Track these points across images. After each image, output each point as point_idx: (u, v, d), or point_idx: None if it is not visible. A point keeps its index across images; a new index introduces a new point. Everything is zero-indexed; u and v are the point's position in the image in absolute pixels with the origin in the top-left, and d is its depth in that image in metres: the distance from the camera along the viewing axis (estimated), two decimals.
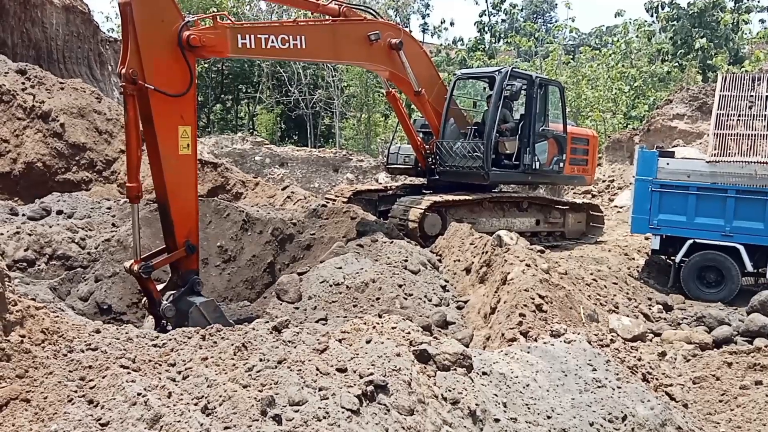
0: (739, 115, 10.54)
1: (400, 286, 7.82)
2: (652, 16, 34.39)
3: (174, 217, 6.66)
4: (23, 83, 14.98)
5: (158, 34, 6.47)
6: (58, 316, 4.37)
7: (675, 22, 32.74)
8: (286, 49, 8.46)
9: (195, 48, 6.74)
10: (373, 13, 10.95)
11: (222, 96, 40.29)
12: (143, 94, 6.32)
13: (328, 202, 12.27)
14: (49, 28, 19.54)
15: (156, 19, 6.45)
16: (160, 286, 6.73)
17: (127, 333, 4.42)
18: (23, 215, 10.92)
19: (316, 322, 6.78)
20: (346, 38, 9.72)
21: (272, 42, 8.18)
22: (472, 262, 8.63)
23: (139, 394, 3.47)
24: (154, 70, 6.37)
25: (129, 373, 3.75)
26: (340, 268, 8.03)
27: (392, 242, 8.89)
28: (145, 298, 6.72)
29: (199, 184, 15.07)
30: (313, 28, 9.14)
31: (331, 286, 7.75)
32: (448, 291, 8.27)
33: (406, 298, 7.67)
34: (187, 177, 6.78)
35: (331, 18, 9.53)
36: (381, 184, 19.23)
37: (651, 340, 7.93)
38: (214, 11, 29.74)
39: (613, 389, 4.63)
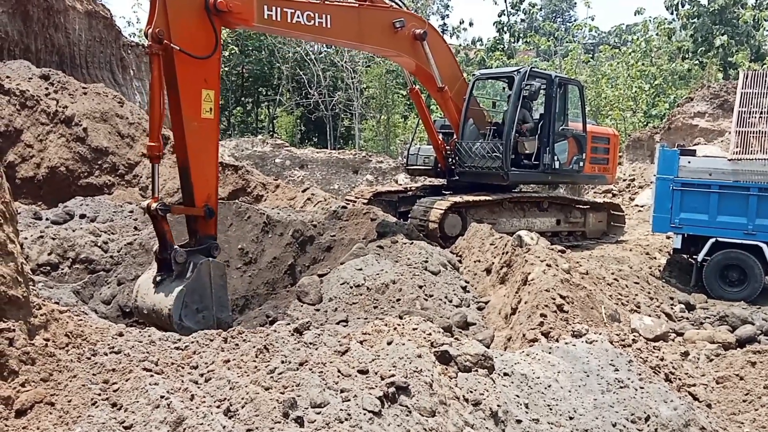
0: (761, 113, 10.41)
1: (421, 287, 7.81)
2: (672, 13, 34.04)
3: (194, 180, 6.74)
4: (47, 88, 15.20)
5: None
6: (81, 320, 4.42)
7: (695, 20, 32.37)
8: (311, 26, 8.43)
9: (221, 13, 6.81)
10: (399, 2, 10.96)
11: (242, 99, 40.54)
12: (168, 54, 6.40)
13: (348, 204, 12.30)
14: (72, 33, 19.80)
15: None
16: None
17: (149, 336, 4.45)
18: (47, 219, 11.09)
19: (337, 323, 6.79)
20: (371, 23, 9.74)
21: (298, 17, 8.18)
22: (493, 263, 8.61)
23: (162, 397, 3.50)
24: (181, 32, 6.46)
25: (152, 375, 3.78)
26: (361, 269, 8.04)
27: (412, 243, 8.88)
28: (155, 244, 6.73)
29: (219, 187, 15.21)
30: (340, 8, 9.15)
31: (351, 287, 7.76)
32: (468, 292, 8.24)
33: (426, 299, 7.66)
34: (209, 141, 6.88)
35: (357, 2, 9.57)
36: (401, 185, 19.22)
37: (673, 340, 7.85)
38: None
39: (636, 389, 4.59)
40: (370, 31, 9.75)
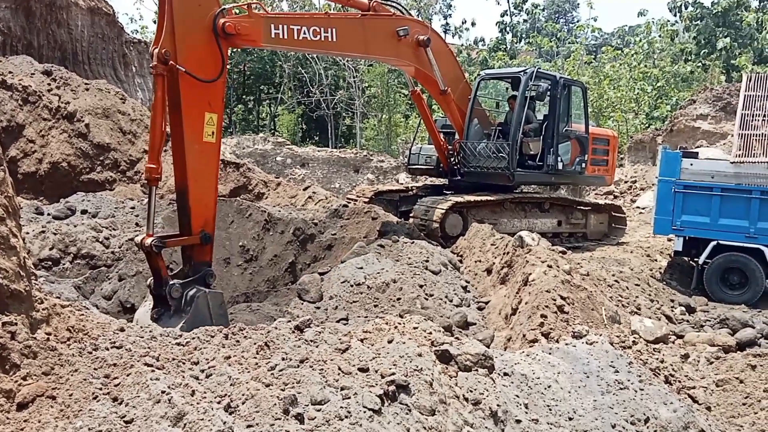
0: (764, 116, 10.40)
1: (421, 286, 7.82)
2: (675, 15, 34.08)
3: (192, 205, 6.54)
4: (49, 84, 15.22)
5: (194, 18, 6.48)
6: (83, 315, 4.42)
7: (698, 22, 32.40)
8: (317, 41, 8.40)
9: (230, 36, 6.74)
10: (401, 9, 10.91)
11: (244, 97, 40.61)
12: (173, 75, 6.28)
13: (349, 203, 12.30)
14: (74, 29, 19.81)
15: (193, 3, 6.47)
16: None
17: (150, 331, 4.45)
18: (48, 215, 11.10)
19: (337, 321, 6.80)
20: (376, 33, 9.70)
21: (304, 33, 8.14)
22: (493, 263, 8.61)
23: (163, 392, 3.50)
24: (187, 54, 6.35)
25: (153, 371, 3.78)
26: (361, 268, 8.05)
27: (413, 243, 8.90)
28: (150, 279, 6.48)
29: (221, 184, 15.26)
30: (344, 21, 9.13)
31: (352, 286, 7.77)
32: (468, 292, 8.25)
33: (426, 299, 7.67)
34: (209, 165, 6.72)
35: (360, 12, 9.55)
36: (402, 184, 19.22)
37: (673, 342, 7.84)
38: None
39: (636, 391, 4.59)
40: (374, 41, 9.71)
